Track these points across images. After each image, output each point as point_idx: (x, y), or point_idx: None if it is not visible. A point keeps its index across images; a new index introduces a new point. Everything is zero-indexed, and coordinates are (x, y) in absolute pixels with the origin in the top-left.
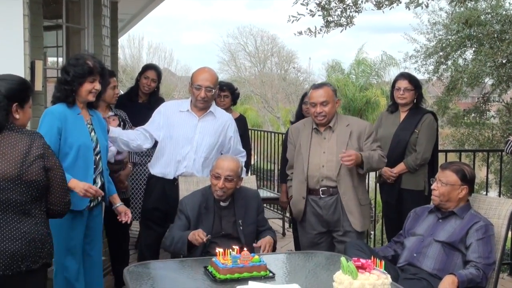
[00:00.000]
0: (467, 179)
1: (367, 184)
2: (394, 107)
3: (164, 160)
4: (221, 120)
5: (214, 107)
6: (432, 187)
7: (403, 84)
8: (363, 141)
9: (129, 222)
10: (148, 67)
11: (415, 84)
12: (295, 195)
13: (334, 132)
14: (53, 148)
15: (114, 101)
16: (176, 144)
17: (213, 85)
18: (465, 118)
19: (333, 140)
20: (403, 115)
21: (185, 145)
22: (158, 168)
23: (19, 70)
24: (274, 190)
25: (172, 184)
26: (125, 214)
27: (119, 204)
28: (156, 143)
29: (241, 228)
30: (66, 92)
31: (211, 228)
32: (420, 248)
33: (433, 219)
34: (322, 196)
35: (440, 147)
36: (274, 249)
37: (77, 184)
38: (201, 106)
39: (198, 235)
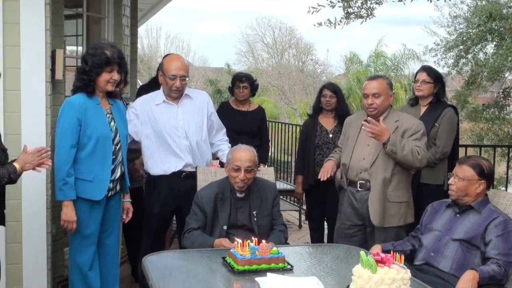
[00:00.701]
0: (485, 174)
1: None
2: (414, 101)
3: (159, 157)
4: (199, 99)
5: (187, 90)
6: (450, 181)
7: (422, 76)
8: (406, 137)
9: (125, 222)
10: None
11: (435, 77)
12: (337, 182)
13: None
14: (74, 140)
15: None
16: (165, 138)
17: (187, 73)
18: (484, 112)
19: None
20: (423, 109)
21: (173, 135)
22: (156, 167)
23: (41, 58)
24: (290, 182)
25: (177, 179)
26: (126, 212)
27: (126, 200)
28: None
29: (255, 219)
30: (85, 82)
31: (228, 219)
32: (437, 247)
33: (450, 214)
34: (359, 189)
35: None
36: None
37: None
38: (176, 95)
39: (225, 247)
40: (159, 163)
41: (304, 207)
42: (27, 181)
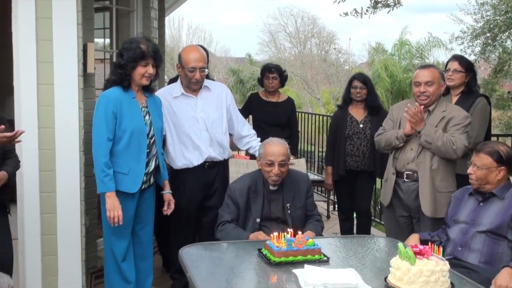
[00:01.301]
0: (503, 160)
1: None
2: (446, 90)
3: (180, 151)
4: (218, 91)
5: (205, 81)
6: (468, 171)
7: (453, 65)
8: (450, 126)
9: (168, 214)
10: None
11: (466, 66)
12: (386, 173)
13: (430, 116)
14: (111, 133)
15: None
16: (186, 131)
17: (206, 64)
18: None
19: (427, 123)
20: (454, 99)
21: (194, 128)
22: (179, 160)
23: (73, 52)
24: (314, 172)
25: (202, 170)
26: (168, 204)
27: (167, 192)
28: None
29: (289, 212)
30: (121, 76)
31: (261, 212)
32: (464, 241)
33: (473, 203)
34: (405, 180)
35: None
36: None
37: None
38: (196, 88)
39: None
40: (180, 156)
41: (332, 197)
42: (61, 173)
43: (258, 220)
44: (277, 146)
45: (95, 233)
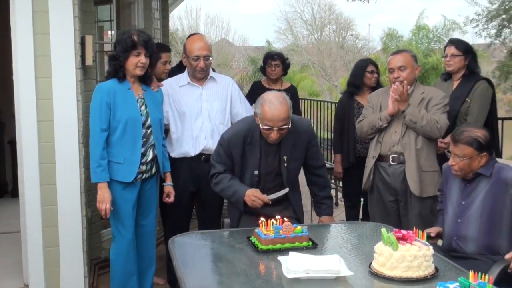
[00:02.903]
0: (484, 146)
1: None
2: (447, 75)
3: (180, 139)
4: (223, 84)
5: (212, 73)
6: (450, 162)
7: (450, 50)
8: (430, 106)
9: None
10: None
11: (464, 49)
12: (368, 157)
13: (410, 98)
14: (105, 123)
15: (164, 76)
16: (188, 120)
17: (210, 52)
18: None
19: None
20: (455, 83)
21: (197, 118)
22: (177, 149)
23: (70, 45)
24: (328, 160)
25: (197, 161)
26: (168, 195)
27: (167, 184)
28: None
29: (285, 165)
30: (115, 67)
31: (258, 165)
32: (458, 231)
33: (460, 183)
34: (391, 163)
35: (505, 114)
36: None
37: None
38: (201, 76)
39: (257, 200)
40: (179, 146)
41: (341, 184)
42: (60, 166)
43: (256, 172)
44: (276, 110)
45: (98, 224)
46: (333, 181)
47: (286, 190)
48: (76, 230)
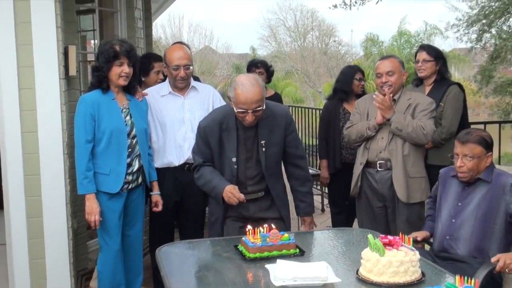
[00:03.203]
0: (490, 145)
1: None
2: (418, 81)
3: (162, 149)
4: (205, 92)
5: (193, 82)
6: (458, 164)
7: (421, 56)
8: (417, 112)
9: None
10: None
11: (435, 54)
12: (355, 164)
13: (396, 104)
14: (89, 135)
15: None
16: (170, 129)
17: (190, 61)
18: (510, 87)
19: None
20: (427, 89)
21: (180, 127)
22: (160, 159)
23: (53, 56)
24: (313, 167)
25: (181, 171)
26: (156, 204)
27: (155, 193)
28: None
29: (263, 149)
30: (99, 78)
31: (236, 151)
32: (452, 231)
33: (458, 184)
34: (379, 169)
35: (487, 118)
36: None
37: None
38: (182, 86)
39: (233, 197)
40: (162, 156)
41: (327, 191)
42: (45, 177)
43: (234, 159)
44: (249, 93)
45: (85, 235)
46: (319, 187)
47: (262, 194)
48: (62, 241)
